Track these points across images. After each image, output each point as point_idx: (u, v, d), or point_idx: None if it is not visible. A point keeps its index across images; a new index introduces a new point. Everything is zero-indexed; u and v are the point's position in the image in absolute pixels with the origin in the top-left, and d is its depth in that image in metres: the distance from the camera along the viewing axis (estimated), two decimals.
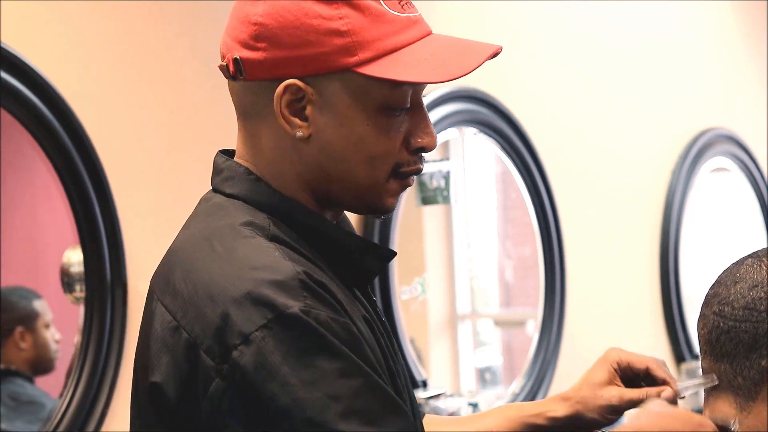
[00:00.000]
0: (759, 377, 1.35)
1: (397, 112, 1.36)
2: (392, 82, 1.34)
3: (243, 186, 1.39)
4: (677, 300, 4.45)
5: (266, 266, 1.27)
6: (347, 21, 1.33)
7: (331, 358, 1.23)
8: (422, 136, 1.39)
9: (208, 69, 2.85)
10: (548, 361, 3.81)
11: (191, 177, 2.81)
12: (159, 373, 1.29)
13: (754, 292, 1.37)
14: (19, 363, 2.70)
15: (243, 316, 1.24)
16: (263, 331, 1.23)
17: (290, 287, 1.25)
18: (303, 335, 1.23)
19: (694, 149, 4.59)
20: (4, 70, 2.42)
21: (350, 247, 1.39)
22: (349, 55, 1.33)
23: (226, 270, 1.28)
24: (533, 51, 3.91)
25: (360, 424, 1.21)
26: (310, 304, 1.25)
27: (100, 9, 2.64)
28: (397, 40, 1.35)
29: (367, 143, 1.36)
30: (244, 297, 1.25)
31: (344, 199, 1.40)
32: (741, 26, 5.09)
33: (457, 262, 3.81)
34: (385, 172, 1.38)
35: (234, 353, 1.23)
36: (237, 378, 1.23)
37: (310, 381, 1.22)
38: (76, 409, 2.52)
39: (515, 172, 3.81)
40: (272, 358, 1.22)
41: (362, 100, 1.35)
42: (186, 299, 1.30)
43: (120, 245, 2.60)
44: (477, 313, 3.95)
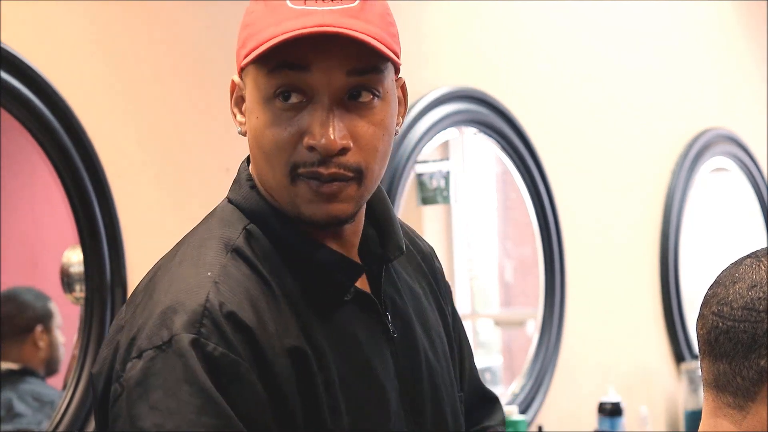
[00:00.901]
0: (758, 377, 1.35)
1: (290, 108, 1.33)
2: (270, 65, 1.32)
3: (239, 192, 1.43)
4: (677, 300, 4.45)
5: (190, 289, 1.32)
6: (252, 15, 1.38)
7: (193, 391, 1.27)
8: (314, 135, 1.33)
9: (208, 69, 2.85)
10: (548, 361, 3.81)
11: (191, 177, 2.81)
12: (97, 365, 1.38)
13: (752, 292, 1.37)
14: (35, 362, 2.71)
15: (149, 333, 1.31)
16: (155, 351, 1.29)
17: (194, 313, 1.30)
18: (181, 364, 1.27)
19: (694, 149, 4.59)
20: (4, 70, 2.41)
21: (318, 261, 1.39)
22: (243, 47, 1.37)
23: (165, 283, 1.35)
24: (533, 51, 3.91)
25: None
26: (203, 334, 1.29)
27: (101, 9, 2.64)
28: (276, 29, 1.32)
29: (258, 137, 1.36)
30: (159, 314, 1.31)
31: (282, 203, 1.39)
32: (741, 26, 5.09)
33: (457, 262, 3.81)
34: (282, 171, 1.35)
35: (128, 364, 1.31)
36: (124, 386, 1.30)
37: (171, 410, 1.26)
38: (76, 409, 2.52)
39: (515, 172, 3.81)
40: (152, 380, 1.28)
41: (254, 93, 1.36)
42: (136, 303, 1.37)
43: (120, 245, 2.60)
44: (477, 313, 3.95)
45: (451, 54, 3.55)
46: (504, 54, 3.76)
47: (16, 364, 2.68)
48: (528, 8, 3.91)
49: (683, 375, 4.34)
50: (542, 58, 3.94)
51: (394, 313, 1.48)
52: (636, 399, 4.09)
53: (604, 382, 3.90)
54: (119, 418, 1.30)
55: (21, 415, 2.62)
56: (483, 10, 3.72)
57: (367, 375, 1.40)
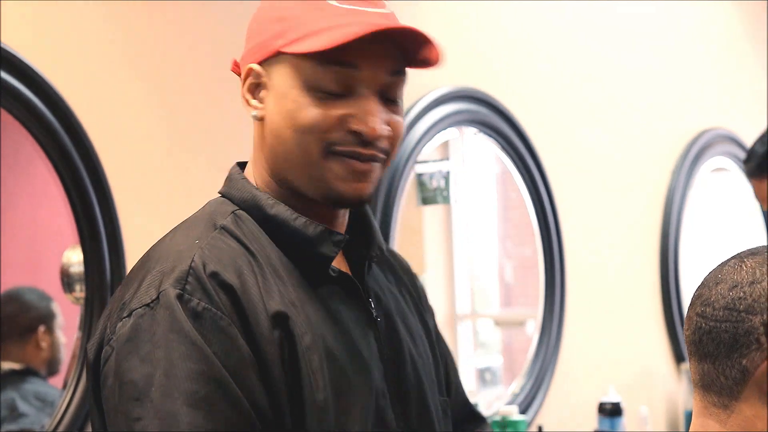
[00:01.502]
0: (740, 376, 1.37)
1: (332, 96, 1.45)
2: (320, 58, 1.43)
3: (229, 184, 1.54)
4: (677, 300, 4.45)
5: (177, 253, 1.42)
6: (288, 9, 1.47)
7: (180, 340, 1.34)
8: (360, 122, 1.45)
9: (208, 69, 2.85)
10: (548, 361, 3.81)
11: (191, 177, 2.81)
12: (93, 338, 1.45)
13: (733, 293, 1.39)
14: (37, 363, 2.71)
15: (140, 294, 1.39)
16: (144, 309, 1.37)
17: (179, 272, 1.39)
18: (167, 318, 1.35)
19: (694, 149, 4.59)
20: (4, 70, 2.41)
21: (308, 235, 1.48)
22: (281, 37, 1.47)
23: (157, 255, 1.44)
24: (533, 51, 3.91)
25: (183, 404, 1.32)
26: (187, 291, 1.37)
27: (101, 9, 2.64)
28: (324, 23, 1.44)
29: (294, 116, 1.46)
30: (148, 278, 1.40)
31: (298, 182, 1.49)
32: (741, 26, 5.09)
33: (457, 262, 3.81)
34: (316, 147, 1.45)
35: (119, 324, 1.39)
36: (114, 346, 1.38)
37: (159, 359, 1.34)
38: (76, 409, 2.52)
39: (515, 172, 3.81)
40: (142, 335, 1.36)
41: (292, 80, 1.46)
42: (129, 278, 1.46)
43: (120, 245, 2.60)
44: (477, 313, 3.95)
45: (451, 54, 3.54)
46: (504, 54, 3.76)
47: (18, 364, 2.68)
48: (528, 8, 3.91)
49: (683, 375, 4.35)
50: (542, 58, 3.94)
51: (377, 303, 1.57)
52: (636, 399, 4.09)
53: (604, 382, 3.90)
54: (109, 377, 1.37)
55: (24, 415, 2.62)
56: (483, 10, 3.72)
57: (351, 349, 1.47)
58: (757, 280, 1.38)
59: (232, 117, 2.88)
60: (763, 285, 1.37)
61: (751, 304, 1.37)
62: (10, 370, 2.66)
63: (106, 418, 1.38)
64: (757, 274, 1.38)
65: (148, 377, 1.33)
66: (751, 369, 1.36)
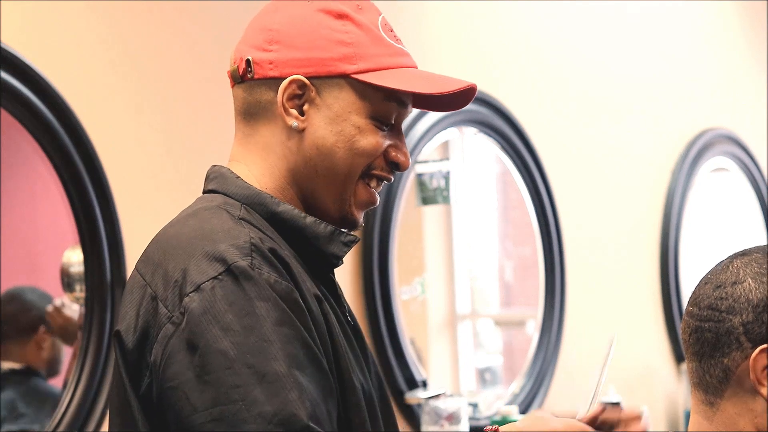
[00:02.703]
0: (723, 375, 1.40)
1: (384, 126, 1.53)
2: (386, 92, 1.51)
3: (222, 181, 1.54)
4: (677, 300, 4.45)
5: (225, 230, 1.42)
6: (351, 35, 1.52)
7: (268, 306, 1.36)
8: (400, 153, 1.55)
9: (208, 70, 2.85)
10: (548, 361, 3.81)
11: (191, 177, 2.80)
12: (123, 323, 1.42)
13: (717, 293, 1.42)
14: (38, 362, 2.71)
15: (198, 270, 1.38)
16: (213, 282, 1.37)
17: (242, 247, 1.40)
18: (247, 286, 1.37)
19: (694, 149, 4.59)
20: (4, 70, 2.42)
21: (318, 233, 1.51)
22: (350, 63, 1.51)
23: (189, 234, 1.44)
24: (533, 51, 3.91)
25: (289, 367, 1.33)
26: (256, 263, 1.38)
27: (101, 9, 2.64)
28: (392, 61, 1.54)
29: (355, 139, 1.51)
30: (201, 254, 1.40)
31: (324, 198, 1.52)
32: (741, 26, 5.09)
33: (457, 262, 3.81)
34: (360, 168, 1.52)
35: (185, 300, 1.37)
36: (185, 322, 1.36)
37: (249, 326, 1.34)
38: (76, 409, 2.52)
39: (515, 172, 3.81)
40: (218, 305, 1.35)
41: (356, 106, 1.51)
42: (155, 263, 1.44)
43: (120, 245, 2.60)
44: (477, 313, 3.95)
45: (450, 54, 3.55)
46: (504, 54, 3.76)
47: (18, 364, 2.68)
48: (528, 8, 3.91)
49: (683, 375, 4.35)
50: (542, 58, 3.94)
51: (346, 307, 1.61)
52: (636, 399, 4.09)
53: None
54: (177, 353, 1.35)
55: (24, 415, 2.62)
56: (483, 11, 3.72)
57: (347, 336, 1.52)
58: (740, 280, 1.40)
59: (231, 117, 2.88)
60: (744, 286, 1.39)
61: (732, 304, 1.39)
62: (11, 370, 2.66)
63: (176, 394, 1.35)
64: (740, 275, 1.41)
65: (238, 345, 1.33)
66: (732, 368, 1.39)
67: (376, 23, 1.54)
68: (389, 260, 3.29)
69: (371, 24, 1.53)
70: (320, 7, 1.53)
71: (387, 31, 1.55)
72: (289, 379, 1.33)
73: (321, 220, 1.52)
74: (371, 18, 1.54)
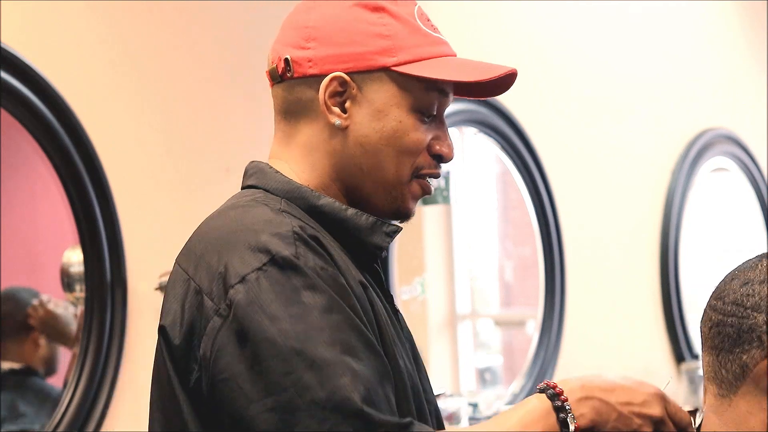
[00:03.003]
0: (740, 372, 1.40)
1: (426, 118, 1.51)
2: (427, 83, 1.50)
3: (261, 177, 1.52)
4: (677, 300, 4.45)
5: (267, 221, 1.41)
6: (389, 27, 1.51)
7: (315, 294, 1.35)
8: (443, 145, 1.54)
9: (208, 70, 2.85)
10: (548, 361, 3.81)
11: (191, 177, 2.81)
12: (167, 317, 1.42)
13: (744, 289, 1.42)
14: (36, 362, 2.70)
15: (241, 261, 1.37)
16: (258, 273, 1.36)
17: (285, 236, 1.39)
18: (293, 276, 1.36)
19: (694, 149, 4.59)
20: (4, 70, 2.42)
21: (361, 225, 1.50)
22: (389, 55, 1.50)
23: (231, 227, 1.43)
24: (534, 51, 3.91)
25: (340, 353, 1.32)
26: (301, 252, 1.38)
27: (100, 9, 2.64)
28: (431, 50, 1.53)
29: (399, 137, 1.50)
30: (244, 245, 1.38)
31: (374, 196, 1.52)
32: (741, 26, 5.09)
33: (457, 262, 3.81)
34: (409, 170, 1.51)
35: (231, 291, 1.36)
36: (232, 314, 1.35)
37: (297, 315, 1.33)
38: (76, 409, 2.52)
39: (515, 172, 3.81)
40: (264, 296, 1.35)
41: (397, 99, 1.50)
42: (198, 256, 1.43)
43: (120, 245, 2.60)
44: (477, 313, 3.95)
45: None
46: (503, 54, 3.75)
47: (17, 364, 2.68)
48: (528, 8, 3.91)
49: (683, 375, 4.35)
50: (543, 58, 3.94)
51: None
52: None
53: None
54: (227, 345, 1.34)
55: (24, 415, 2.62)
56: (482, 10, 3.72)
57: (393, 325, 1.51)
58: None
59: (231, 117, 2.88)
60: None
61: (758, 302, 1.39)
62: (10, 370, 2.66)
63: (228, 386, 1.34)
64: None
65: (285, 333, 1.32)
66: (750, 365, 1.38)
67: (413, 13, 1.53)
68: (389, 260, 3.29)
69: (407, 14, 1.52)
70: (356, 2, 1.52)
71: (424, 20, 1.54)
72: (340, 365, 1.31)
73: (362, 212, 1.51)
74: (407, 8, 1.53)
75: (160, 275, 2.65)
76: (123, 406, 2.61)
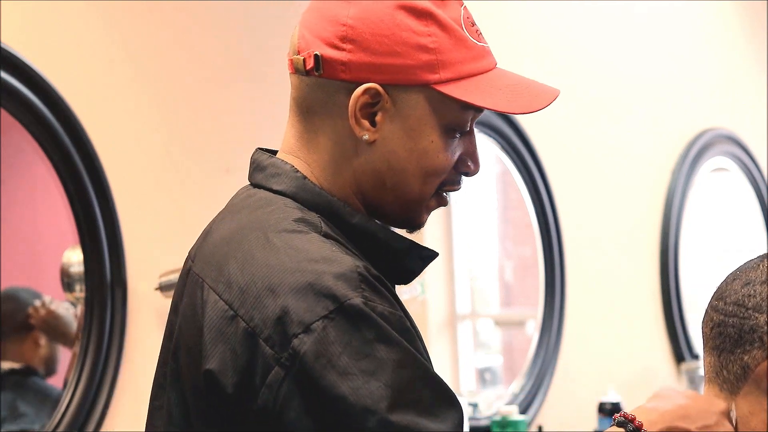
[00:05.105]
0: (741, 372, 1.39)
1: (457, 135, 1.43)
2: (466, 105, 1.40)
3: (291, 183, 1.41)
4: (677, 300, 4.45)
5: (326, 259, 1.30)
6: (435, 39, 1.39)
7: (389, 348, 1.26)
8: (471, 162, 1.45)
9: (208, 70, 2.85)
10: (548, 361, 3.81)
11: (191, 177, 2.81)
12: (214, 361, 1.30)
13: (745, 289, 1.41)
14: (36, 361, 2.70)
15: (304, 306, 1.26)
16: (324, 321, 1.26)
17: (350, 279, 1.28)
18: (364, 326, 1.26)
19: (694, 149, 4.59)
20: (4, 70, 2.42)
21: (396, 248, 1.43)
22: (431, 71, 1.39)
23: (285, 262, 1.30)
24: (532, 51, 3.91)
25: (415, 415, 1.24)
26: (368, 297, 1.28)
27: (101, 9, 2.64)
28: (475, 67, 1.43)
29: (428, 158, 1.41)
30: (305, 288, 1.27)
31: (391, 209, 1.44)
32: (741, 26, 5.09)
33: (457, 262, 3.81)
34: (434, 188, 1.44)
35: (294, 341, 1.26)
36: (297, 366, 1.25)
37: (369, 371, 1.25)
38: (76, 409, 2.52)
39: (515, 172, 3.81)
40: (333, 348, 1.25)
41: (432, 117, 1.40)
42: (243, 289, 1.31)
43: (120, 245, 2.60)
44: (477, 313, 3.95)
45: None
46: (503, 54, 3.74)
47: (17, 364, 2.68)
48: (527, 8, 3.91)
49: (683, 375, 4.35)
50: (542, 58, 3.94)
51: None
52: (636, 399, 4.08)
53: (604, 382, 3.90)
54: (291, 399, 1.26)
55: (24, 415, 2.62)
56: (482, 10, 3.71)
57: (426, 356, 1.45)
58: None
59: (231, 117, 2.88)
60: None
61: (759, 302, 1.39)
62: (10, 370, 2.66)
63: None
64: None
65: (357, 391, 1.24)
66: (752, 366, 1.38)
67: (459, 18, 1.42)
68: None
69: (454, 21, 1.41)
70: (401, 4, 1.39)
71: (469, 25, 1.43)
72: (416, 428, 1.24)
73: (396, 233, 1.44)
74: (454, 12, 1.42)
75: (160, 275, 2.65)
76: (123, 406, 2.61)
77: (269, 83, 2.90)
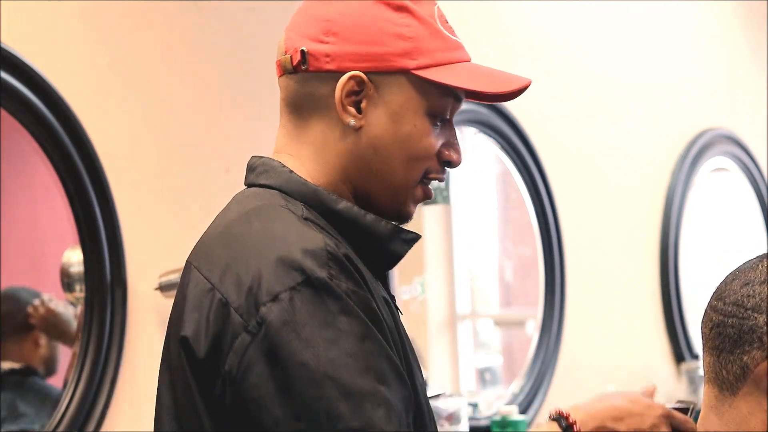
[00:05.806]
0: (740, 373, 1.39)
1: (438, 122, 1.51)
2: (445, 89, 1.49)
3: (278, 177, 1.48)
4: (677, 300, 4.45)
5: (299, 234, 1.38)
6: (411, 29, 1.49)
7: (351, 320, 1.33)
8: (452, 151, 1.54)
9: (207, 70, 2.85)
10: (548, 361, 3.81)
11: (191, 177, 2.81)
12: (189, 328, 1.38)
13: (745, 290, 1.41)
14: (36, 361, 2.70)
15: (274, 278, 1.34)
16: (291, 292, 1.33)
17: (318, 256, 1.35)
18: (329, 299, 1.33)
19: (694, 149, 4.59)
20: (4, 70, 2.42)
21: (379, 231, 1.48)
22: (409, 58, 1.48)
23: (261, 239, 1.39)
24: (532, 51, 3.91)
25: (374, 381, 1.30)
26: (334, 274, 1.35)
27: (101, 9, 2.64)
28: (451, 56, 1.51)
29: (411, 142, 1.49)
30: (276, 261, 1.35)
31: (378, 197, 1.50)
32: (741, 26, 5.09)
33: (457, 262, 3.81)
34: (418, 174, 1.50)
35: (262, 309, 1.33)
36: (262, 332, 1.32)
37: (331, 339, 1.31)
38: (76, 409, 2.52)
39: (515, 172, 3.81)
40: (298, 317, 1.32)
41: (414, 102, 1.49)
42: (223, 266, 1.39)
43: (120, 245, 2.60)
44: (477, 313, 3.95)
45: None
46: (503, 54, 3.76)
47: (17, 364, 2.68)
48: (527, 8, 3.91)
49: (683, 375, 4.35)
50: (542, 58, 3.94)
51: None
52: None
53: (604, 382, 3.90)
54: (256, 364, 1.32)
55: (24, 415, 2.62)
56: (481, 10, 3.72)
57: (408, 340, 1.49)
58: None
59: (231, 117, 2.88)
60: None
61: (759, 302, 1.39)
62: (10, 370, 2.66)
63: (256, 406, 1.31)
64: None
65: (320, 358, 1.30)
66: (751, 366, 1.38)
67: (433, 14, 1.51)
68: None
69: (428, 15, 1.50)
70: None
71: (443, 22, 1.52)
72: (375, 396, 1.30)
73: (380, 218, 1.49)
74: (428, 9, 1.51)
75: (160, 275, 2.65)
76: (123, 406, 2.61)
77: (269, 83, 2.90)
